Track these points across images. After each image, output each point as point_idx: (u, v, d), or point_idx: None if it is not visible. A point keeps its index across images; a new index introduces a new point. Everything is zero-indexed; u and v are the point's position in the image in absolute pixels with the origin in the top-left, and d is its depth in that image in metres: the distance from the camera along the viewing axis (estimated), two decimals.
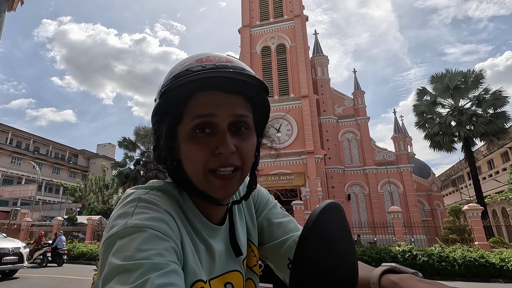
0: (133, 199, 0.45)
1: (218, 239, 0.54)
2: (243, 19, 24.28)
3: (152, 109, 0.51)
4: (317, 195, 18.06)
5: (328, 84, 24.44)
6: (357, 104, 24.04)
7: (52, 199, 36.14)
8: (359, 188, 22.11)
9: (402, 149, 22.37)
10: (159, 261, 0.36)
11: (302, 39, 22.03)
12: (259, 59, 22.87)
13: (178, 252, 0.41)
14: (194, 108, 0.48)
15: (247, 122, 0.50)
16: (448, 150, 17.61)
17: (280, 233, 0.61)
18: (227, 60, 0.48)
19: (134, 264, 0.35)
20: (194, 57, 0.49)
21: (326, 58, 25.18)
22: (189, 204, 0.52)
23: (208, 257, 0.51)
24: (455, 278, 8.82)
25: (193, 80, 0.45)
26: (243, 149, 0.48)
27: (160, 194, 0.48)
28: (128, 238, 0.38)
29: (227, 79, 0.46)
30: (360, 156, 22.84)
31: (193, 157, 0.47)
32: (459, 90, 17.49)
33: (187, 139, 0.48)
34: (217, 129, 0.47)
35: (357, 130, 23.44)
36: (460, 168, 32.84)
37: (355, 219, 19.59)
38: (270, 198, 0.69)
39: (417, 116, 18.56)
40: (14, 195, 25.36)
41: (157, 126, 0.52)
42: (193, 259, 0.46)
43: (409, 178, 21.46)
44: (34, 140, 37.70)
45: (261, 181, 16.30)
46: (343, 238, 0.40)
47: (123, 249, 0.37)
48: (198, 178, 0.48)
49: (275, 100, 21.33)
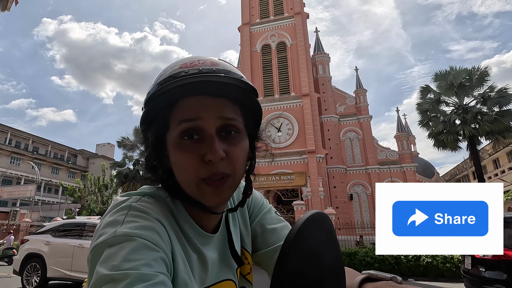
0: (124, 206, 0.45)
1: (211, 247, 0.54)
2: (242, 17, 24.22)
3: (140, 118, 0.51)
4: (319, 195, 17.99)
5: (330, 82, 24.35)
6: (359, 103, 23.92)
7: (51, 200, 36.27)
8: (362, 188, 21.97)
9: (406, 148, 22.24)
10: (147, 271, 0.36)
11: (303, 37, 21.95)
12: (259, 57, 22.80)
13: (167, 263, 0.41)
14: (179, 113, 0.48)
15: (236, 125, 0.49)
16: (452, 149, 17.45)
17: (274, 240, 0.60)
18: (213, 63, 0.48)
19: (120, 274, 0.35)
20: (179, 62, 0.49)
21: (328, 56, 25.09)
22: (181, 211, 0.51)
23: (201, 266, 0.50)
24: (460, 280, 8.72)
25: (176, 86, 0.45)
26: (233, 155, 0.48)
27: (152, 201, 0.48)
28: (117, 247, 0.38)
29: (211, 83, 0.46)
30: (362, 155, 22.71)
31: (183, 166, 0.47)
32: (464, 87, 17.35)
33: (175, 147, 0.48)
34: (205, 134, 0.47)
35: (359, 129, 23.32)
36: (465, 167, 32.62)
37: (358, 220, 19.49)
38: (265, 203, 0.68)
39: (420, 114, 18.40)
40: (13, 196, 25.45)
41: (146, 134, 0.52)
42: (184, 269, 0.46)
43: (413, 177, 21.33)
44: (33, 140, 37.85)
45: (262, 181, 16.24)
46: (329, 249, 0.39)
47: (111, 258, 0.37)
48: (190, 187, 0.48)
49: (276, 99, 21.26)
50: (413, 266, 9.35)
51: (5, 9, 7.70)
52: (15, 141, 36.13)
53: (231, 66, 0.51)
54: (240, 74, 0.50)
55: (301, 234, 0.36)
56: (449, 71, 17.66)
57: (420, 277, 9.26)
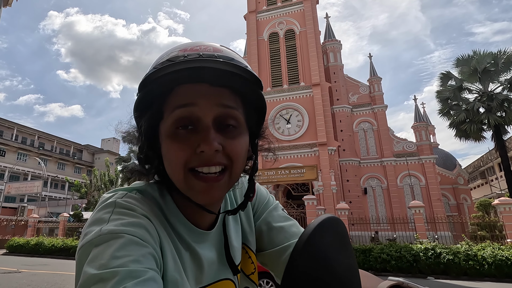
0: (109, 203, 0.44)
1: (207, 244, 0.52)
2: (248, 4, 23.88)
3: (134, 103, 0.49)
4: (331, 189, 17.78)
5: (341, 70, 23.85)
6: (374, 92, 23.36)
7: (58, 195, 37.36)
8: (377, 182, 21.58)
9: (424, 139, 21.63)
10: (136, 268, 0.36)
11: (313, 24, 21.51)
12: (267, 46, 22.47)
13: (157, 259, 0.41)
14: (174, 100, 0.46)
15: (235, 116, 0.47)
16: (476, 139, 16.90)
17: (281, 239, 0.58)
18: (215, 49, 0.46)
19: (109, 273, 0.35)
20: (180, 46, 0.47)
21: (339, 43, 24.55)
22: (171, 207, 0.50)
23: (195, 265, 0.49)
24: (484, 278, 8.52)
25: (173, 71, 0.43)
26: (230, 149, 0.45)
27: (139, 197, 0.47)
28: (104, 245, 0.38)
29: (211, 70, 0.43)
30: (377, 147, 22.24)
31: (173, 157, 0.45)
32: (488, 73, 16.65)
33: (167, 137, 0.46)
34: (200, 124, 0.45)
35: (373, 119, 22.81)
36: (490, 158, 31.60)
37: (372, 215, 19.24)
38: (271, 199, 0.66)
39: (440, 103, 17.83)
40: (21, 192, 26.27)
41: (139, 122, 0.50)
42: (175, 267, 0.45)
43: (432, 170, 20.76)
44: (39, 136, 38.86)
45: (271, 175, 16.13)
46: (342, 255, 0.38)
47: (98, 257, 0.37)
48: (178, 180, 0.46)
49: (284, 90, 20.99)
50: (432, 264, 9.14)
51: (7, 5, 7.76)
52: (21, 137, 37.16)
53: (236, 54, 0.48)
54: (245, 63, 0.47)
55: (312, 241, 0.34)
56: (472, 55, 17.02)
57: (440, 275, 9.03)
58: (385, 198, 21.06)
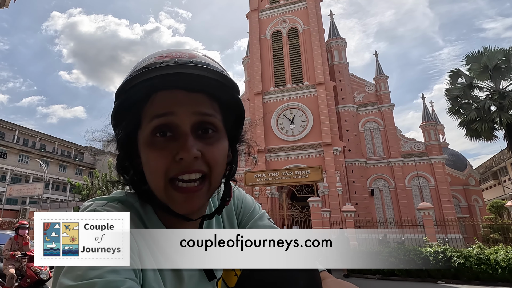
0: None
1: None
2: (251, 3, 23.88)
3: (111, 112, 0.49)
4: (336, 190, 17.63)
5: (347, 69, 23.71)
6: (380, 90, 23.15)
7: (60, 197, 37.70)
8: (384, 183, 21.35)
9: (433, 139, 21.34)
10: (114, 278, 0.35)
11: (316, 21, 21.44)
12: (269, 45, 22.43)
13: (136, 269, 0.41)
14: (151, 108, 0.46)
15: (213, 123, 0.48)
16: (487, 138, 16.61)
17: None
18: (191, 55, 0.47)
19: (86, 284, 0.34)
20: (156, 53, 0.48)
21: (344, 41, 24.40)
22: (152, 217, 0.50)
23: (174, 277, 0.49)
24: (497, 283, 8.35)
25: (149, 77, 0.43)
26: (209, 155, 0.46)
27: (119, 207, 0.47)
28: None
29: (187, 76, 0.44)
30: (384, 147, 22.02)
31: (153, 166, 0.45)
32: (500, 70, 16.40)
33: (146, 145, 0.46)
34: (178, 131, 0.46)
35: (380, 118, 22.59)
36: (503, 158, 31.12)
37: (380, 217, 19.01)
38: (257, 208, 0.66)
39: (450, 101, 17.58)
40: (22, 194, 26.51)
41: (116, 131, 0.51)
42: (154, 277, 0.45)
43: (442, 170, 20.47)
44: (40, 137, 39.27)
45: (274, 176, 16.03)
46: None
47: (75, 267, 0.37)
48: (158, 189, 0.46)
49: (288, 89, 20.92)
50: (443, 268, 8.97)
51: (4, 6, 7.76)
52: (23, 139, 37.59)
53: (212, 60, 0.49)
54: (221, 68, 0.48)
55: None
56: (483, 52, 16.77)
57: (451, 280, 8.86)
58: (392, 200, 20.82)
